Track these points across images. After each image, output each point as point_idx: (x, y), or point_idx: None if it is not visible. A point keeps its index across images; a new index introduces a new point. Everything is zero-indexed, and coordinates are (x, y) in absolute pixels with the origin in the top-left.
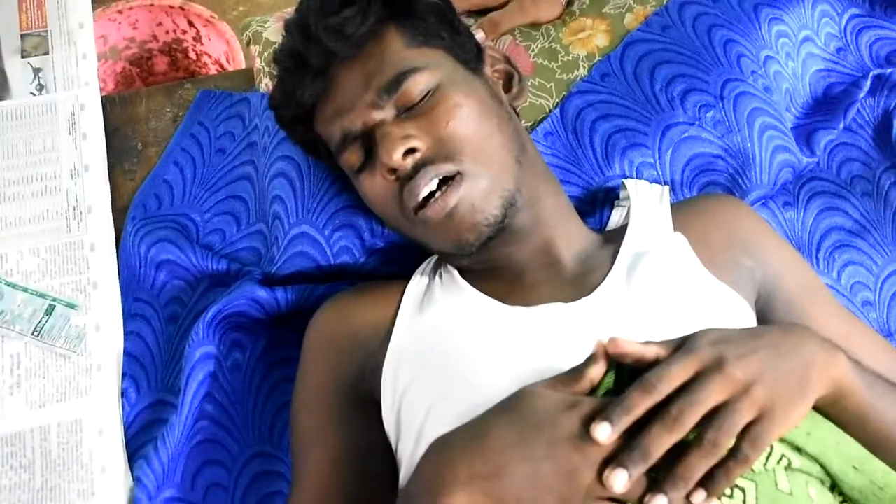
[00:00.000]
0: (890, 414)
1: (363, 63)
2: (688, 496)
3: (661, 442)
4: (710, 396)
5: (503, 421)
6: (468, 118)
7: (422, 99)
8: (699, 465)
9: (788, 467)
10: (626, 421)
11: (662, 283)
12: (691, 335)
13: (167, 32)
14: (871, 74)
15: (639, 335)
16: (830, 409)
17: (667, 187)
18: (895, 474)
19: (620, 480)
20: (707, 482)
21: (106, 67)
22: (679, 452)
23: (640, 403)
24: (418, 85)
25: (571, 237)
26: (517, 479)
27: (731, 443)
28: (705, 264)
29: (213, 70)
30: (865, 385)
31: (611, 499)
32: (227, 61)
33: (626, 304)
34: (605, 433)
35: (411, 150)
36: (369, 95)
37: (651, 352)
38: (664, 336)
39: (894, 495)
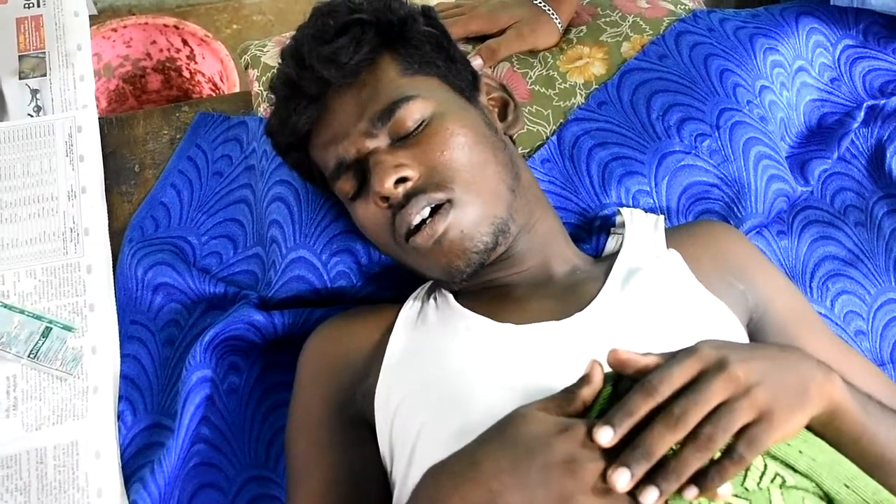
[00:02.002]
0: (883, 434)
1: (357, 91)
2: (680, 491)
3: (663, 441)
4: (713, 395)
5: (496, 446)
6: (462, 147)
7: (416, 128)
8: (693, 459)
9: (783, 485)
10: (628, 423)
11: (656, 297)
12: (692, 344)
13: (161, 51)
14: (864, 105)
15: (633, 349)
16: (825, 429)
17: (662, 217)
18: (885, 492)
19: (623, 479)
20: (700, 479)
21: (100, 85)
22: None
23: (642, 406)
24: (412, 114)
25: (564, 258)
26: None
27: (726, 441)
28: (699, 279)
29: (206, 88)
30: (859, 405)
31: None
32: (221, 80)
33: (620, 318)
34: (608, 437)
35: (403, 179)
36: (363, 124)
37: (651, 361)
38: (656, 350)
39: None
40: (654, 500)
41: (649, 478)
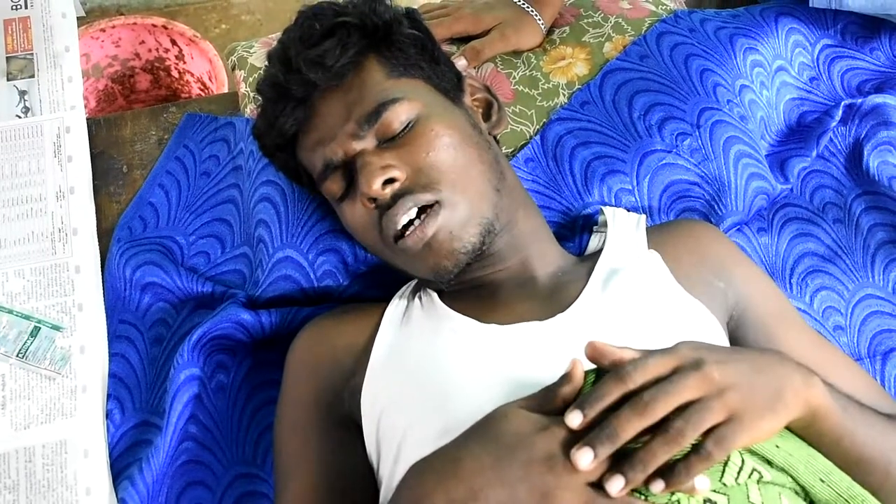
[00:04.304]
0: (862, 435)
1: (344, 93)
2: (647, 483)
3: (629, 425)
4: (684, 390)
5: (478, 444)
6: (448, 148)
7: (402, 129)
8: (660, 450)
9: (760, 481)
10: (597, 407)
11: (637, 298)
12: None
13: (150, 51)
14: (842, 104)
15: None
16: (806, 432)
17: (644, 216)
18: (859, 487)
19: (586, 458)
20: (667, 474)
21: (88, 85)
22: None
23: (613, 390)
24: (398, 115)
25: (547, 258)
26: (493, 502)
27: (694, 436)
28: (679, 280)
29: (195, 88)
30: (840, 408)
31: None
32: (210, 80)
33: (601, 319)
34: (577, 420)
35: (391, 180)
36: (350, 126)
37: (628, 355)
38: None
39: None
40: (619, 489)
41: (616, 468)
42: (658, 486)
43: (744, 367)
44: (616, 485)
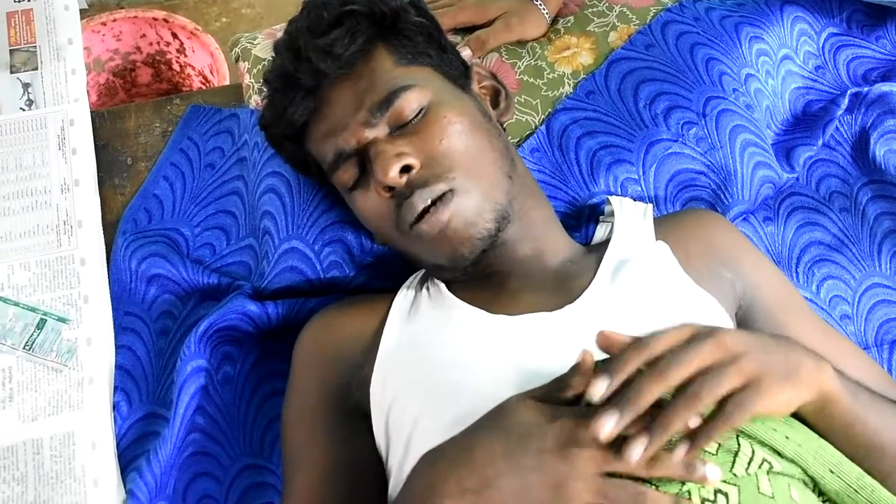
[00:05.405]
0: (872, 421)
1: (354, 82)
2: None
3: (648, 391)
4: (701, 354)
5: (490, 433)
6: (460, 135)
7: (414, 117)
8: (678, 414)
9: (770, 471)
10: (619, 377)
11: (645, 289)
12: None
13: (151, 44)
14: (848, 92)
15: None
16: (817, 417)
17: (650, 205)
18: (868, 478)
19: (609, 423)
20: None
21: (89, 79)
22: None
23: (633, 356)
24: (410, 103)
25: (557, 248)
26: (506, 491)
27: (712, 398)
28: (687, 271)
29: (196, 81)
30: (850, 394)
31: None
32: (212, 73)
33: (611, 310)
34: (603, 386)
35: (406, 168)
36: (362, 114)
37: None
38: None
39: (869, 498)
40: (639, 454)
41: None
42: (682, 449)
43: (758, 342)
44: (638, 447)
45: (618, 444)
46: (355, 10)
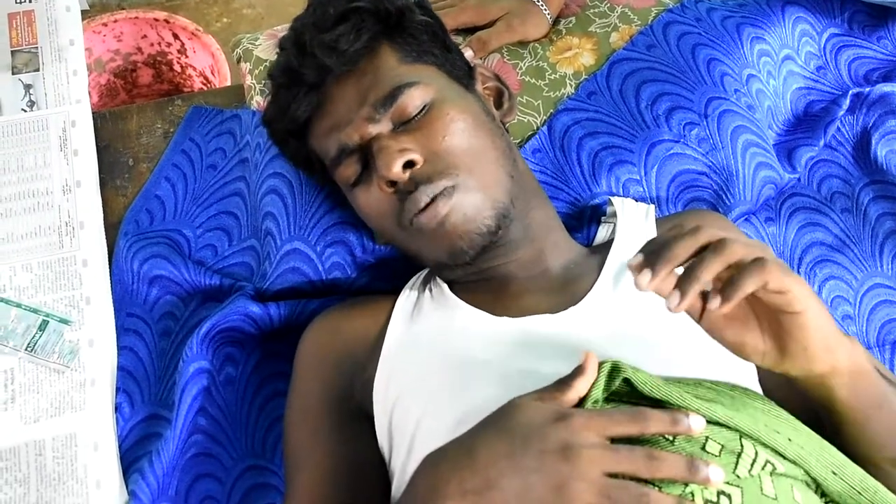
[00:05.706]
0: None
1: (358, 78)
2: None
3: (711, 265)
4: (744, 247)
5: (493, 434)
6: (463, 133)
7: (417, 114)
8: (710, 263)
9: (773, 472)
10: (668, 266)
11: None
12: None
13: (152, 45)
14: (850, 93)
15: (625, 343)
16: (851, 392)
17: (652, 206)
18: (872, 479)
19: (675, 297)
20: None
21: (91, 80)
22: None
23: (689, 243)
24: (414, 100)
25: (560, 249)
26: (508, 492)
27: (749, 258)
28: None
29: (197, 82)
30: (878, 375)
31: None
32: (213, 74)
33: (613, 313)
34: (647, 277)
35: (409, 163)
36: (365, 110)
37: None
38: (650, 344)
39: (871, 499)
40: (676, 304)
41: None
42: (715, 302)
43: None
44: (673, 300)
45: (619, 444)
46: (361, 7)
